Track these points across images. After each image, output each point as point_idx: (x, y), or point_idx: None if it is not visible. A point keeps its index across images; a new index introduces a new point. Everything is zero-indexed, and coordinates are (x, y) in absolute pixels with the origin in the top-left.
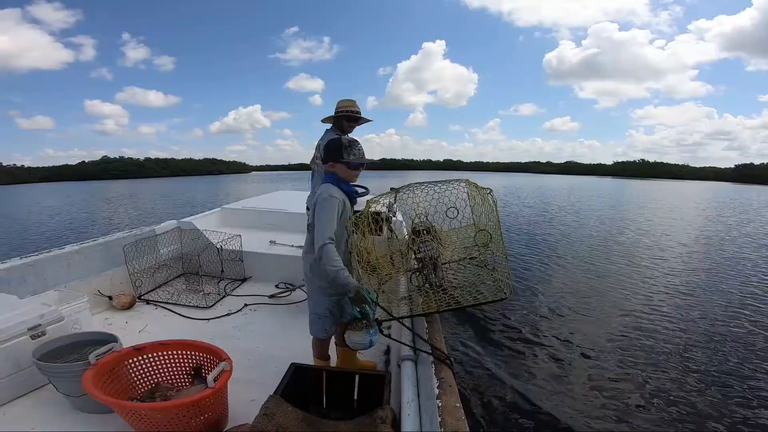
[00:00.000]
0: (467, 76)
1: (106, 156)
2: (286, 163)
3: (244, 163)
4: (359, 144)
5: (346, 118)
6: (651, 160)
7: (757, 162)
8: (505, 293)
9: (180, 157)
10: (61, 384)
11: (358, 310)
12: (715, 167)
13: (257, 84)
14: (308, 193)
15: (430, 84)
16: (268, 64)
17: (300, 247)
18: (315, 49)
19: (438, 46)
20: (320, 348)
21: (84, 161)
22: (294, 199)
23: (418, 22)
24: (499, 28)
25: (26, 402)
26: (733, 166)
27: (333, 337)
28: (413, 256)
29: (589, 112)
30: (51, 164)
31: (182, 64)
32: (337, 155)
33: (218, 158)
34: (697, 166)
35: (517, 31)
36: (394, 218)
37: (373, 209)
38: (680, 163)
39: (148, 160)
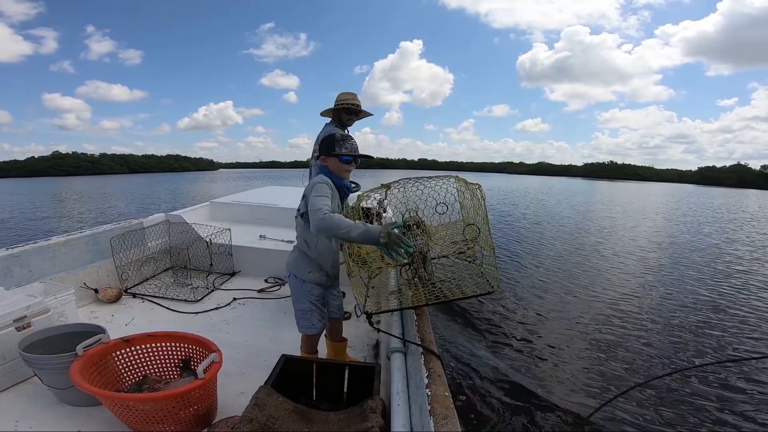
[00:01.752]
0: (443, 76)
1: (57, 151)
2: (257, 160)
3: (212, 160)
4: (353, 140)
5: (345, 110)
6: (619, 162)
7: (717, 165)
8: (492, 286)
9: (146, 153)
10: (46, 376)
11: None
12: (677, 169)
13: (230, 80)
14: (301, 189)
15: (406, 83)
16: (242, 60)
17: (290, 242)
18: (291, 45)
19: (415, 46)
20: (309, 344)
21: (34, 156)
22: (284, 194)
23: (396, 20)
24: (475, 29)
25: (10, 395)
26: (694, 168)
27: (325, 332)
28: None
29: (559, 114)
30: (4, 159)
31: (150, 58)
32: (329, 149)
33: (186, 155)
34: (659, 168)
35: (493, 32)
36: (384, 214)
37: (363, 204)
38: (643, 165)
39: (104, 155)
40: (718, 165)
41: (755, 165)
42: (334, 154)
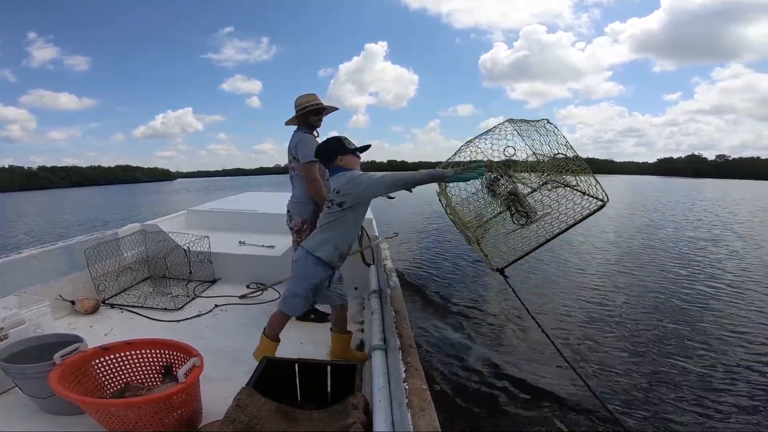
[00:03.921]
0: (408, 78)
1: None
2: (220, 168)
3: (168, 170)
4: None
5: (312, 112)
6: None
7: (666, 156)
8: (601, 200)
9: (99, 164)
10: (27, 386)
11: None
12: (635, 162)
13: (188, 86)
14: (280, 193)
15: (371, 86)
16: (200, 65)
17: (270, 247)
18: (252, 49)
19: (380, 48)
20: (279, 324)
21: None
22: (262, 200)
23: (360, 23)
24: (437, 30)
25: None
26: (647, 160)
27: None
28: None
29: (520, 112)
30: None
31: (99, 64)
32: (343, 149)
33: (142, 165)
34: (618, 161)
35: (455, 32)
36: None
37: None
38: (604, 159)
39: (42, 168)
40: (667, 156)
41: (704, 155)
42: (350, 151)
